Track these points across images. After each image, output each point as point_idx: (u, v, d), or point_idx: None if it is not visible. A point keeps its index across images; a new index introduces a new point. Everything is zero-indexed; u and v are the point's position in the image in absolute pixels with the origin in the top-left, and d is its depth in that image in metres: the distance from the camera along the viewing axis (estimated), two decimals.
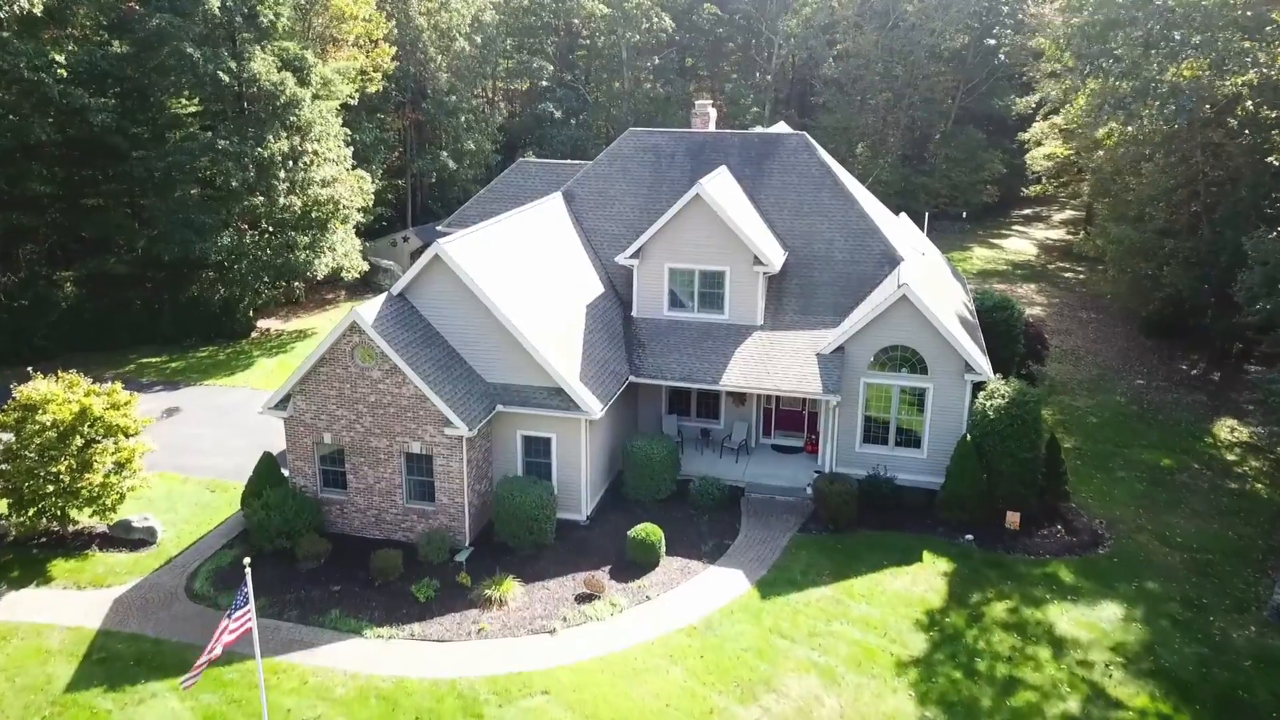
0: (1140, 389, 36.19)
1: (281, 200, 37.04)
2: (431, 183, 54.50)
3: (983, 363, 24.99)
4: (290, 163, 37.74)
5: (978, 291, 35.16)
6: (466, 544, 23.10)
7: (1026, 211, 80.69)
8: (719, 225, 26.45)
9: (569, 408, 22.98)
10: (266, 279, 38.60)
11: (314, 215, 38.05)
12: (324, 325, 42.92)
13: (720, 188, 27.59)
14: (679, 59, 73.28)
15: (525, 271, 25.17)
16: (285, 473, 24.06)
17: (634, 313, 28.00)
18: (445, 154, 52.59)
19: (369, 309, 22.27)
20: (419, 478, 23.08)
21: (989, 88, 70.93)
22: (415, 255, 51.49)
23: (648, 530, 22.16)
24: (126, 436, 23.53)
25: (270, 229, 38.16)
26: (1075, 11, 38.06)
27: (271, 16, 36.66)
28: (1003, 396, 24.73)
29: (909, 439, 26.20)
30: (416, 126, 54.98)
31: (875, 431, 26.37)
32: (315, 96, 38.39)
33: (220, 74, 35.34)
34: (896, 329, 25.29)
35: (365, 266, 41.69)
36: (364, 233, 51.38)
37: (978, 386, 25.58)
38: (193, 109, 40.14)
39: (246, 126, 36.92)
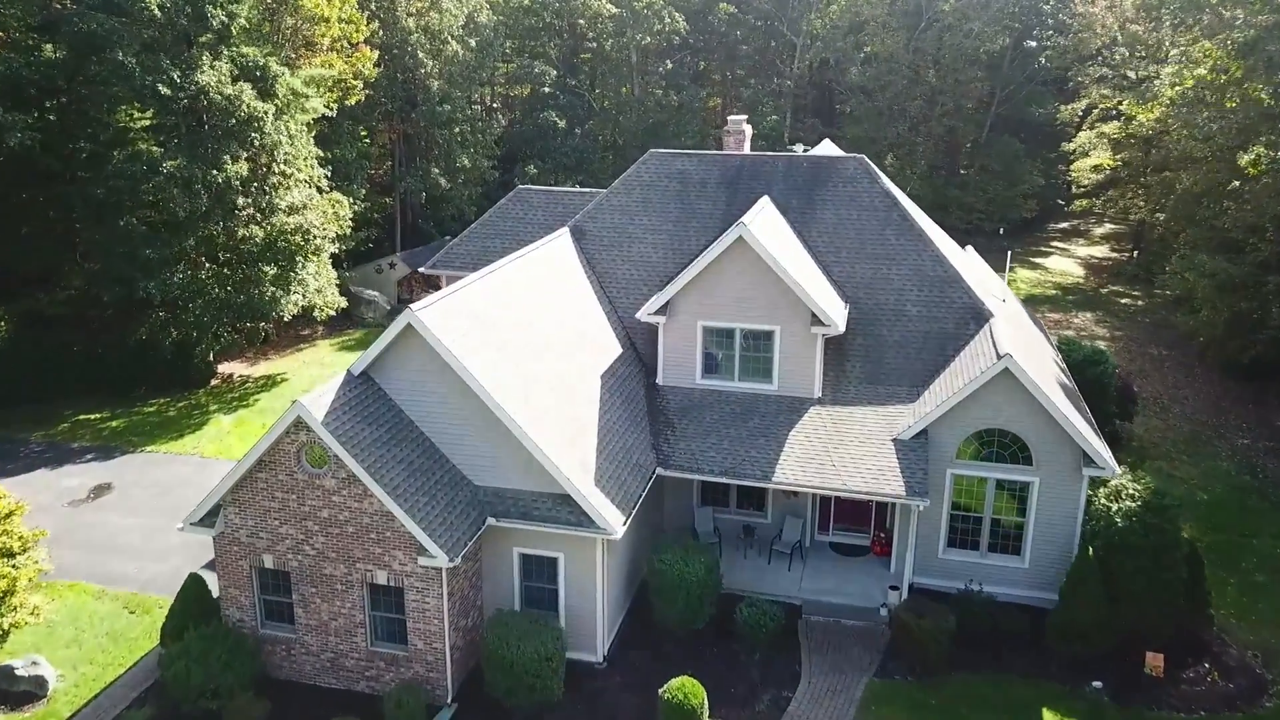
0: (1247, 451, 30.79)
1: (241, 231, 31.68)
2: (422, 202, 49.15)
3: (1105, 454, 19.65)
4: (251, 187, 32.43)
5: (1059, 337, 29.91)
6: (448, 699, 17.77)
7: (1064, 226, 75.30)
8: (767, 275, 21.14)
9: (582, 523, 17.63)
10: (226, 320, 33.27)
11: (280, 246, 32.69)
12: (296, 370, 37.58)
13: (766, 226, 22.26)
14: (693, 63, 67.91)
15: (524, 337, 19.83)
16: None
17: (659, 379, 22.68)
18: (437, 170, 47.26)
19: (319, 399, 16.94)
20: (387, 614, 17.75)
21: (1027, 94, 65.56)
22: (403, 284, 46.18)
23: (686, 689, 16.78)
24: (10, 557, 18.21)
25: (229, 263, 32.77)
26: None
27: (224, 18, 31.30)
28: (1133, 498, 19.43)
29: (1007, 544, 20.90)
30: (406, 139, 49.69)
31: (963, 533, 21.07)
32: (281, 111, 33.06)
33: (160, 86, 29.99)
34: (994, 409, 19.98)
35: (343, 303, 36.35)
36: (348, 256, 46.15)
37: (1094, 481, 20.29)
38: (145, 122, 34.79)
39: (198, 146, 31.59)
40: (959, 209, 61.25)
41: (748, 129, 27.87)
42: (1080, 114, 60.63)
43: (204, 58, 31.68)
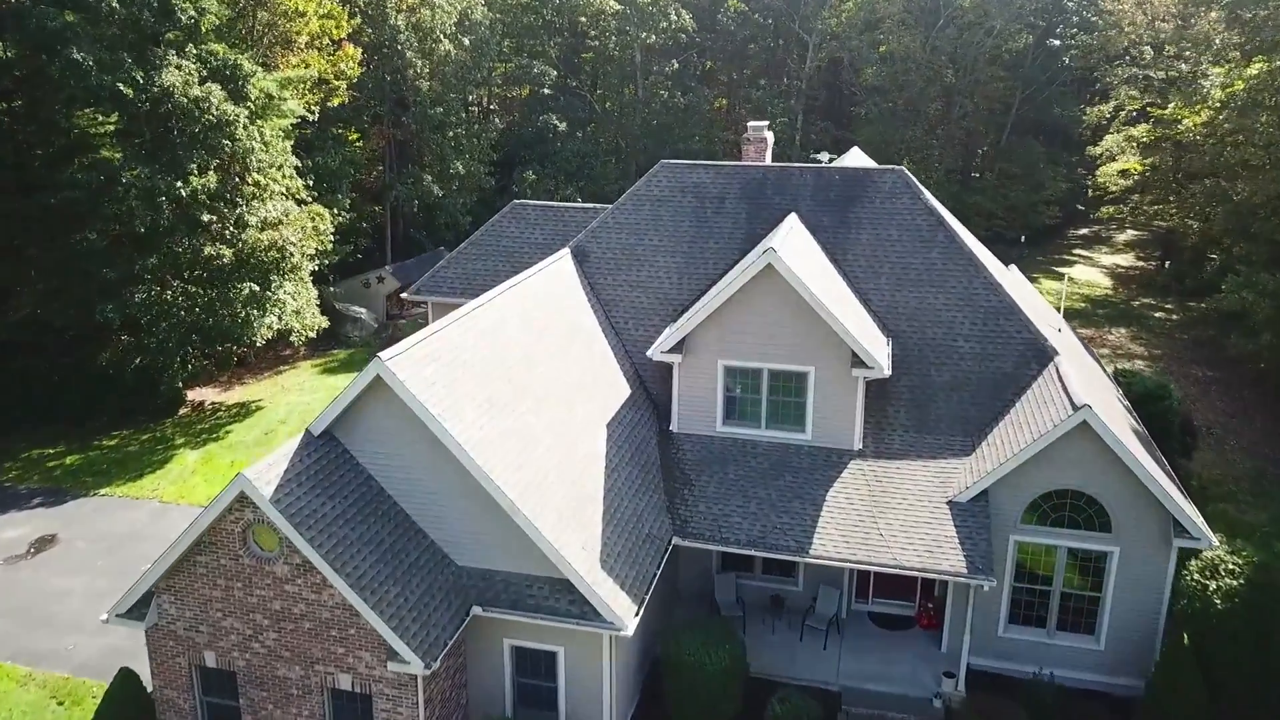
0: None
1: (208, 248, 28.73)
2: (414, 210, 46.16)
3: (1199, 523, 16.72)
4: (221, 200, 29.49)
5: (1114, 367, 26.99)
6: None
7: (1084, 232, 72.38)
8: (800, 308, 18.22)
9: (586, 615, 14.70)
10: (194, 344, 30.31)
11: (252, 264, 29.74)
12: (273, 397, 34.64)
13: (796, 249, 19.34)
14: (699, 63, 64.94)
15: (517, 385, 16.90)
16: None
17: (674, 426, 19.75)
18: (430, 177, 44.29)
19: (268, 469, 14.00)
20: None
21: (1048, 95, 62.59)
22: (392, 299, 43.26)
23: None
24: None
25: (199, 280, 29.78)
26: None
27: (193, 13, 28.37)
28: (1233, 574, 16.51)
29: (1078, 621, 17.98)
30: (397, 144, 46.72)
31: (1028, 608, 18.15)
32: (255, 115, 30.12)
33: (121, 86, 27.05)
34: (1067, 467, 17.07)
35: (324, 324, 33.37)
36: (334, 270, 43.22)
37: (1184, 552, 17.38)
38: (110, 126, 31.79)
39: (162, 154, 28.64)
40: (978, 216, 58.31)
41: (769, 136, 24.95)
42: (1108, 116, 57.63)
43: (170, 56, 28.73)
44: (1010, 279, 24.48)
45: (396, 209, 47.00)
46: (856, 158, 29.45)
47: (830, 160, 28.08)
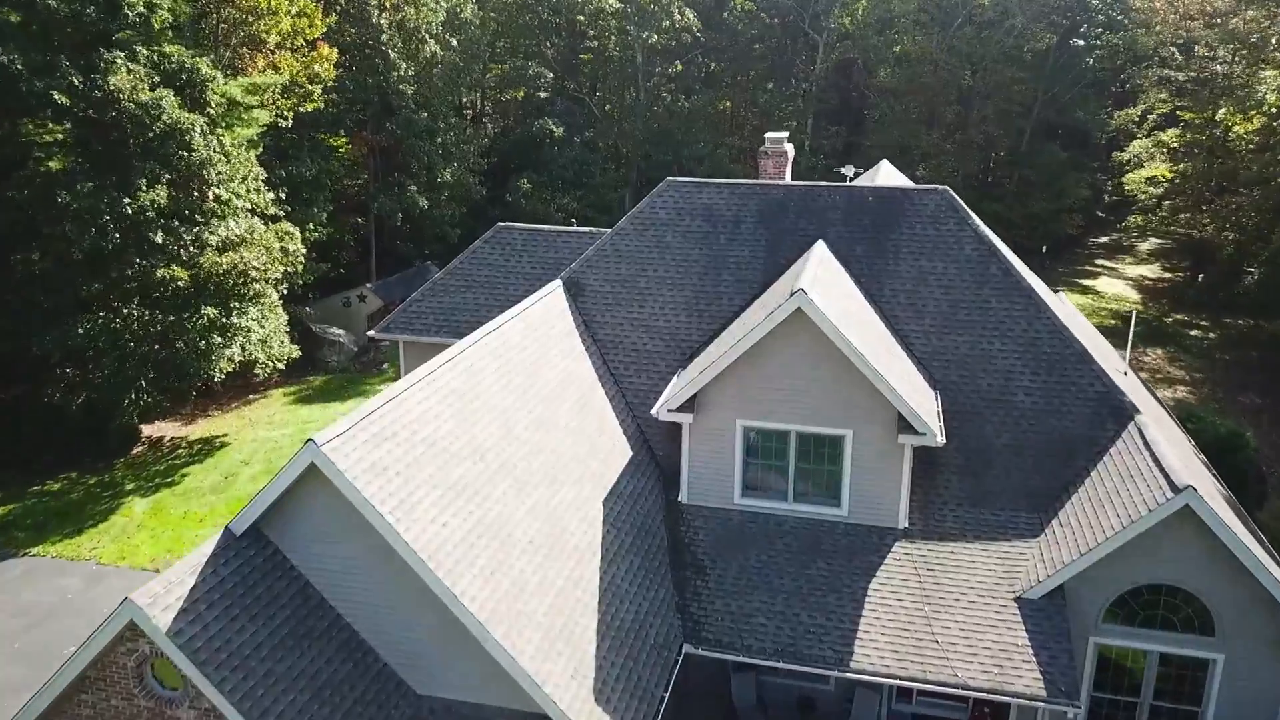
0: None
1: (161, 272, 25.66)
2: (398, 224, 43.06)
3: None
4: (176, 218, 26.44)
5: (1180, 407, 23.96)
6: None
7: (1104, 240, 69.34)
8: (836, 361, 15.19)
9: None
10: (147, 378, 27.24)
11: (210, 289, 26.68)
12: (240, 431, 31.58)
13: (828, 287, 16.31)
14: (704, 64, 61.88)
15: (490, 461, 13.84)
16: None
17: (684, 497, 16.70)
18: (415, 187, 41.20)
19: (169, 589, 10.94)
20: None
21: (1070, 97, 59.48)
22: (374, 319, 40.20)
23: None
24: None
25: (154, 305, 26.69)
26: None
27: (142, 9, 25.33)
28: None
29: None
30: (383, 152, 43.66)
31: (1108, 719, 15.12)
32: (215, 123, 27.08)
33: (56, 93, 24.02)
34: (1163, 559, 14.03)
35: (295, 354, 30.29)
36: (316, 286, 40.21)
37: None
38: (57, 136, 28.71)
39: (108, 167, 25.61)
40: (997, 225, 55.09)
41: (789, 149, 21.87)
42: (1136, 120, 54.67)
43: (117, 58, 25.68)
44: (1065, 309, 21.41)
45: (382, 220, 43.92)
46: (889, 174, 26.26)
47: (855, 175, 25.07)
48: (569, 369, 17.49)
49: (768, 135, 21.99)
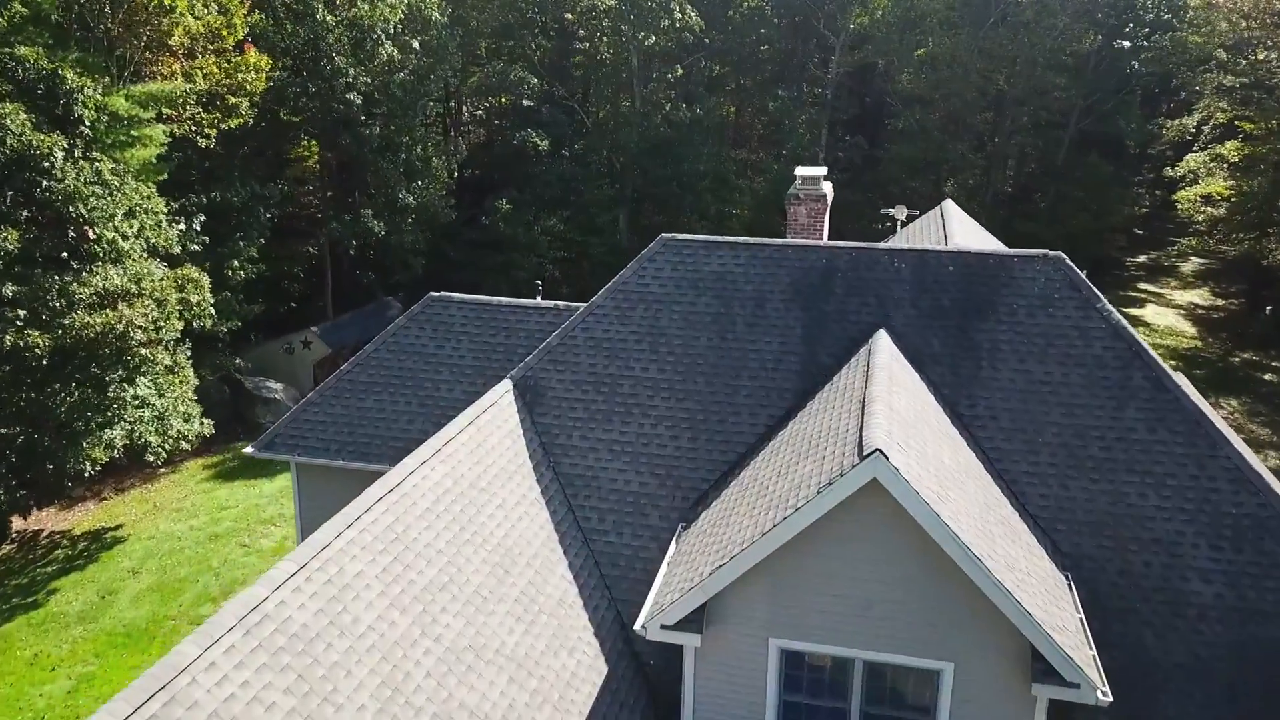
0: None
1: (10, 338, 19.91)
2: (352, 252, 37.27)
3: None
4: (34, 266, 20.70)
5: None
6: None
7: (1142, 259, 63.55)
8: (930, 556, 9.44)
9: None
10: (6, 468, 21.48)
11: (81, 357, 20.93)
12: (141, 520, 25.73)
13: (907, 424, 10.55)
14: (708, 69, 56.11)
15: None
16: None
17: None
18: (370, 211, 35.41)
19: None
20: None
21: (1113, 105, 53.71)
22: (321, 367, 34.45)
23: None
24: None
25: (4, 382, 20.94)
26: None
27: None
28: None
29: None
30: (338, 170, 37.87)
31: None
32: (89, 145, 21.37)
33: None
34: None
35: (207, 431, 24.49)
36: (260, 327, 34.52)
37: None
38: None
39: None
40: (1033, 246, 49.52)
41: (828, 191, 16.14)
42: (1191, 131, 48.99)
43: None
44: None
45: (338, 249, 38.15)
46: (959, 221, 19.74)
47: (910, 219, 19.27)
48: (514, 534, 11.73)
49: (799, 172, 16.19)
